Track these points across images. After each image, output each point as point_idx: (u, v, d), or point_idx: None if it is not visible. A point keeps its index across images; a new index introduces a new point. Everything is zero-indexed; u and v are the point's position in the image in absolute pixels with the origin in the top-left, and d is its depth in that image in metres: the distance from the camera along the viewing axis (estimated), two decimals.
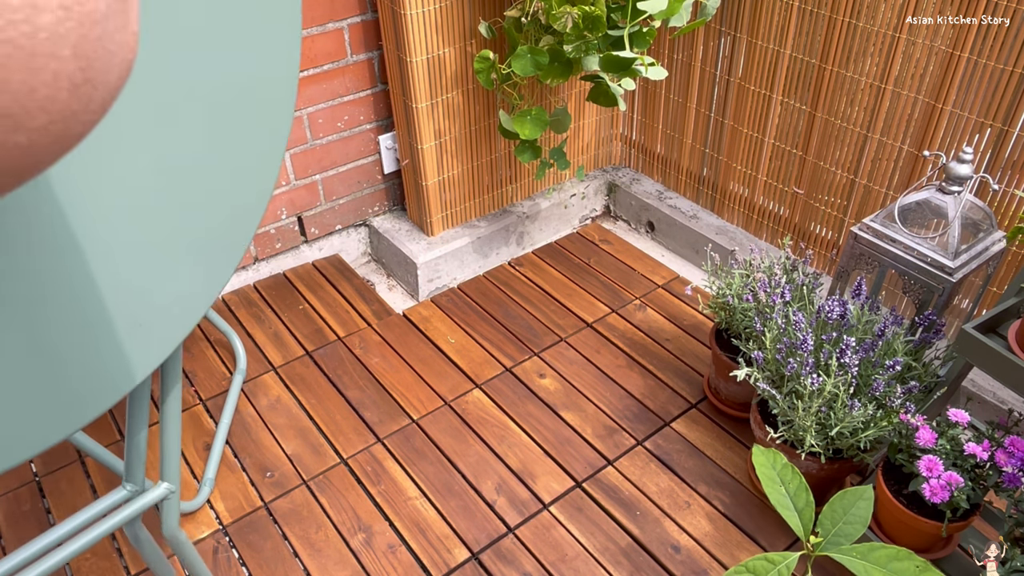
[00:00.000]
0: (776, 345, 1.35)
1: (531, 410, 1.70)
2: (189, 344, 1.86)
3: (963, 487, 1.17)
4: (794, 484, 1.21)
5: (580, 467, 1.58)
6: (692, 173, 2.11)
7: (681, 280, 2.07)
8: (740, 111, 1.87)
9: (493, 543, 1.44)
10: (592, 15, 1.44)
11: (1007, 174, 1.45)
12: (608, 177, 2.29)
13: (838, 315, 1.34)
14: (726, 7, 1.78)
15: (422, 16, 1.67)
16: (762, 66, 1.77)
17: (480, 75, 1.66)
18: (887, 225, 1.37)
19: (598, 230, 2.27)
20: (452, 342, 1.88)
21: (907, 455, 1.26)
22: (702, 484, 1.54)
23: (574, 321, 1.93)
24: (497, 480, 1.55)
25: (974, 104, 1.44)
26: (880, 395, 1.28)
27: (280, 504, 1.51)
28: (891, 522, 1.31)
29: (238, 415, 1.69)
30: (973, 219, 1.35)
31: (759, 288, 1.47)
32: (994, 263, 1.38)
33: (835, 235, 1.81)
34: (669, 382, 1.76)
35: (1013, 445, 1.17)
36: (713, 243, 2.03)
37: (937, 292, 1.32)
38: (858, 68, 1.59)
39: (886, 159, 1.63)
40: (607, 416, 1.68)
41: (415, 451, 1.61)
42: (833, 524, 1.17)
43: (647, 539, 1.44)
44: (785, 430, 1.35)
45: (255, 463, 1.58)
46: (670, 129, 2.09)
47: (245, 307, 1.97)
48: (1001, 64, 1.38)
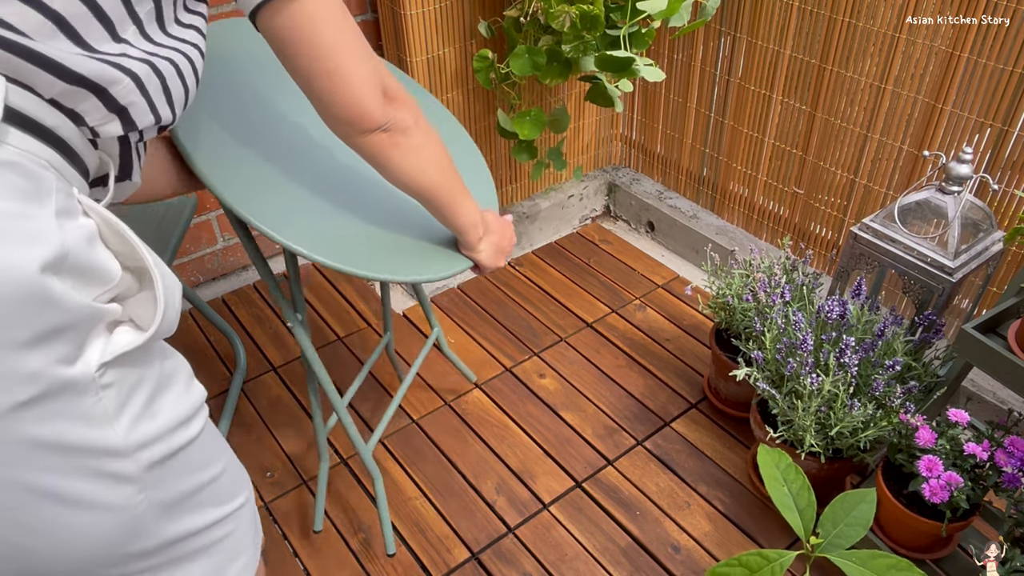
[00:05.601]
0: (776, 345, 1.35)
1: (531, 410, 1.70)
2: (189, 344, 1.86)
3: (963, 487, 1.17)
4: (797, 484, 1.21)
5: (580, 467, 1.58)
6: (692, 173, 2.11)
7: (681, 280, 2.07)
8: (740, 111, 1.87)
9: (493, 543, 1.44)
10: (590, 15, 1.44)
11: (1007, 174, 1.45)
12: (608, 177, 2.29)
13: (838, 315, 1.34)
14: (726, 7, 1.78)
15: (422, 16, 1.67)
16: (762, 66, 1.77)
17: (479, 74, 1.66)
18: (887, 225, 1.37)
19: (598, 230, 2.27)
20: (452, 342, 1.88)
21: (907, 455, 1.26)
22: (702, 484, 1.54)
23: (574, 321, 1.93)
24: (497, 480, 1.55)
25: (974, 104, 1.44)
26: (880, 395, 1.28)
27: (280, 504, 1.51)
28: (891, 522, 1.31)
29: (238, 415, 1.69)
30: (973, 219, 1.35)
31: (759, 288, 1.47)
32: (994, 263, 1.38)
33: (835, 235, 1.81)
34: (669, 382, 1.76)
35: (1013, 445, 1.17)
36: (713, 243, 2.03)
37: (937, 292, 1.32)
38: (858, 68, 1.59)
39: (886, 159, 1.63)
40: (607, 416, 1.68)
41: (415, 451, 1.61)
42: (834, 525, 1.16)
43: (647, 539, 1.44)
44: (785, 430, 1.35)
45: (255, 463, 1.58)
46: (670, 129, 2.09)
47: (245, 307, 1.97)
48: (1001, 64, 1.38)
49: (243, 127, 1.04)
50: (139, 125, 0.68)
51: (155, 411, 0.64)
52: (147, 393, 0.63)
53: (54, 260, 0.54)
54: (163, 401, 0.65)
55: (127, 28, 0.67)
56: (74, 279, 0.57)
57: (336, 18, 0.80)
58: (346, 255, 0.97)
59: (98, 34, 0.64)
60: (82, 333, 0.58)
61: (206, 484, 0.71)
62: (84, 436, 0.58)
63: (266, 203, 0.97)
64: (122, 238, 0.62)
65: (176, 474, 0.67)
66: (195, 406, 0.69)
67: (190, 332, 1.89)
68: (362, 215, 1.04)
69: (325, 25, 0.78)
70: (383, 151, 0.88)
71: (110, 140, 0.68)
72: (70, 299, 0.56)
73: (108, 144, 0.69)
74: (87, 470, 0.59)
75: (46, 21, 0.60)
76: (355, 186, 1.07)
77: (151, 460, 0.63)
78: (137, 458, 0.62)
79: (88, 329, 0.58)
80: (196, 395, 0.70)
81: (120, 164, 0.71)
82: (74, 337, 0.57)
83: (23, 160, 0.57)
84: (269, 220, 0.95)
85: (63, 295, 0.55)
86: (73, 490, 0.59)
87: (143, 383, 0.63)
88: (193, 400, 0.69)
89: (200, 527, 0.71)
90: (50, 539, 0.60)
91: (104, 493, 0.61)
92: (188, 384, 0.69)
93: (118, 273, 0.61)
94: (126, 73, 0.64)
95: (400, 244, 1.04)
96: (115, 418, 0.60)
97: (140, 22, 0.68)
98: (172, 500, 0.67)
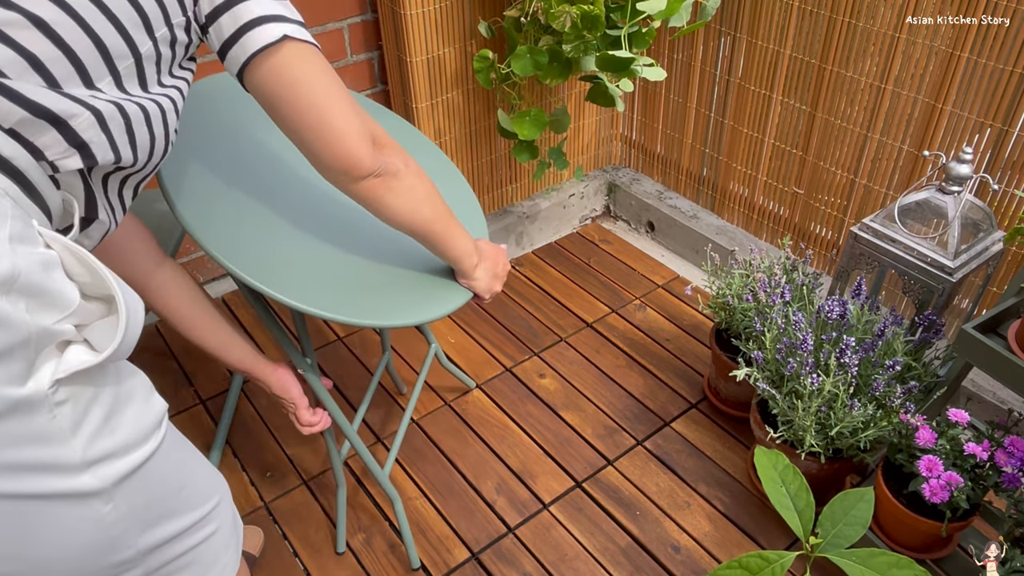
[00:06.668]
0: (776, 345, 1.35)
1: (531, 410, 1.70)
2: (189, 345, 1.86)
3: (963, 487, 1.17)
4: (795, 485, 1.21)
5: (580, 467, 1.58)
6: (692, 173, 2.11)
7: (681, 280, 2.07)
8: (740, 111, 1.87)
9: (493, 543, 1.44)
10: (591, 15, 1.44)
11: (1007, 174, 1.45)
12: (608, 177, 2.29)
13: (838, 315, 1.34)
14: (726, 7, 1.78)
15: (422, 16, 1.67)
16: (762, 66, 1.77)
17: (479, 75, 1.66)
18: (887, 225, 1.37)
19: (598, 230, 2.27)
20: (452, 342, 1.88)
21: (907, 455, 1.26)
22: (702, 484, 1.54)
23: (574, 321, 1.93)
24: (497, 480, 1.55)
25: (974, 104, 1.44)
26: (880, 395, 1.28)
27: (280, 504, 1.51)
28: (891, 522, 1.31)
29: (238, 415, 1.69)
30: (973, 219, 1.35)
31: (759, 288, 1.47)
32: (994, 263, 1.38)
33: (835, 235, 1.81)
34: (669, 382, 1.76)
35: (1013, 445, 1.17)
36: (713, 243, 2.03)
37: (937, 292, 1.32)
38: (858, 68, 1.59)
39: (886, 159, 1.63)
40: (607, 416, 1.68)
41: (415, 451, 1.61)
42: (833, 525, 1.16)
43: (647, 539, 1.44)
44: (785, 430, 1.35)
45: (255, 463, 1.58)
46: (670, 129, 2.09)
47: (245, 307, 1.97)
48: (1001, 64, 1.38)
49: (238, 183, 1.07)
50: (99, 160, 0.68)
51: (114, 427, 0.64)
52: (104, 409, 0.63)
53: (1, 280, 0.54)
54: (122, 417, 0.65)
55: (102, 78, 0.68)
56: (27, 301, 0.57)
57: (320, 73, 0.83)
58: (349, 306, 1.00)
59: (71, 80, 0.65)
60: (31, 352, 0.57)
61: (175, 491, 0.72)
62: (39, 454, 0.58)
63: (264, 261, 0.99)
64: (87, 267, 0.62)
65: (144, 486, 0.67)
66: (156, 419, 0.69)
67: None
68: (358, 259, 1.08)
69: (311, 79, 0.82)
70: (377, 194, 0.92)
71: (72, 177, 0.68)
72: (16, 318, 0.55)
73: (71, 184, 0.69)
74: (50, 487, 0.60)
75: (20, 59, 0.62)
76: (347, 230, 1.11)
77: (116, 475, 0.64)
78: (98, 473, 0.62)
79: (38, 349, 0.58)
80: (156, 408, 0.70)
81: (85, 202, 0.72)
82: (23, 356, 0.57)
83: None
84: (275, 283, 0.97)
85: (8, 314, 0.55)
86: (39, 507, 0.59)
87: (99, 399, 0.63)
88: (154, 414, 0.69)
89: (177, 531, 0.72)
90: (27, 557, 0.60)
91: (70, 509, 0.61)
92: (147, 398, 0.69)
93: (76, 300, 0.61)
94: (87, 108, 0.66)
95: (400, 283, 1.07)
96: (71, 435, 0.60)
97: (118, 75, 0.70)
98: (143, 510, 0.67)
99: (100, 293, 0.64)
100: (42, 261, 0.59)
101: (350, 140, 0.86)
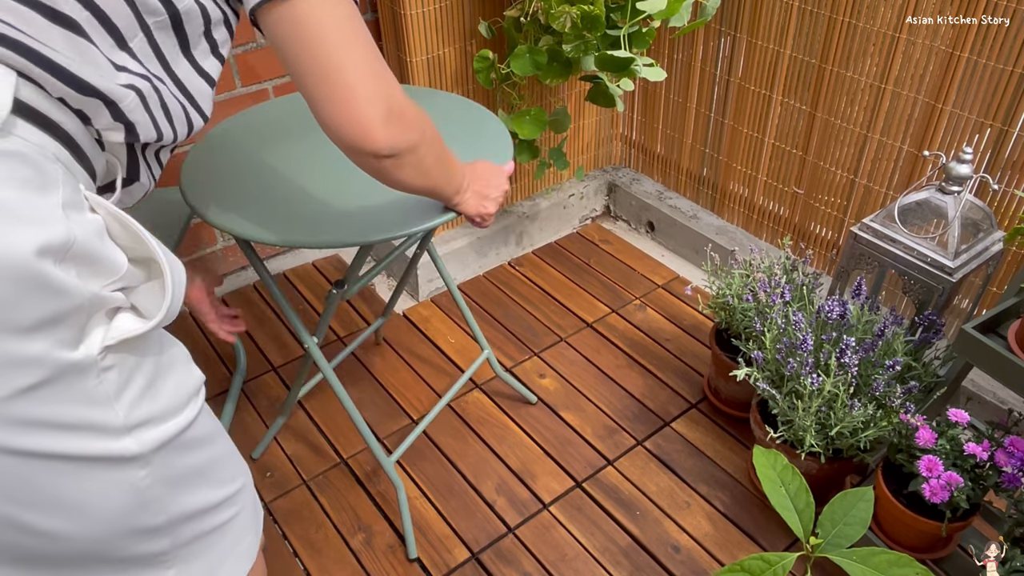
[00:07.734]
0: (776, 345, 1.35)
1: (531, 410, 1.70)
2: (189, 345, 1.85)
3: (963, 487, 1.17)
4: (794, 485, 1.21)
5: (580, 467, 1.58)
6: (692, 173, 2.11)
7: (681, 280, 2.07)
8: (740, 111, 1.87)
9: (493, 543, 1.44)
10: (591, 15, 1.44)
11: (1007, 174, 1.45)
12: (608, 177, 2.29)
13: (838, 315, 1.34)
14: (726, 7, 1.78)
15: (422, 16, 1.67)
16: (762, 66, 1.77)
17: (479, 75, 1.66)
18: (887, 225, 1.37)
19: (598, 230, 2.27)
20: (452, 342, 1.88)
21: (907, 455, 1.26)
22: (702, 484, 1.54)
23: (574, 321, 1.93)
24: (497, 480, 1.55)
25: (974, 104, 1.44)
26: (880, 395, 1.28)
27: (280, 504, 1.51)
28: (891, 522, 1.31)
29: (238, 415, 1.69)
30: (973, 219, 1.35)
31: (759, 288, 1.47)
32: (994, 263, 1.38)
33: (835, 235, 1.81)
34: (669, 382, 1.76)
35: (1013, 445, 1.17)
36: (713, 243, 2.03)
37: (937, 292, 1.32)
38: (858, 68, 1.59)
39: (886, 159, 1.63)
40: (607, 416, 1.68)
41: (415, 451, 1.61)
42: (833, 525, 1.17)
43: (647, 539, 1.44)
44: (785, 430, 1.35)
45: (255, 463, 1.58)
46: (670, 129, 2.09)
47: (245, 307, 1.97)
48: (1001, 64, 1.38)
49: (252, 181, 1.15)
50: (142, 139, 0.70)
51: (155, 393, 0.66)
52: (147, 376, 0.65)
53: (55, 246, 0.56)
54: (164, 384, 0.67)
55: (134, 36, 0.68)
56: (79, 268, 0.58)
57: (345, 18, 0.75)
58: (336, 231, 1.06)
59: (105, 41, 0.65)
60: (83, 318, 0.59)
61: (207, 464, 0.73)
62: (85, 416, 0.60)
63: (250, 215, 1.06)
64: (130, 232, 0.63)
65: (179, 453, 0.69)
66: (195, 388, 0.71)
67: (190, 332, 1.89)
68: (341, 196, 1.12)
69: (327, 24, 0.74)
70: (387, 173, 0.87)
71: (117, 144, 0.70)
72: (71, 285, 0.57)
73: (114, 147, 0.70)
74: (91, 449, 0.61)
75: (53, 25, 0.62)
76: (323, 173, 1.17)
77: (155, 440, 0.65)
78: (138, 437, 0.64)
79: (90, 315, 0.60)
80: (195, 378, 0.72)
81: (128, 166, 0.73)
82: (76, 322, 0.58)
83: (30, 152, 0.59)
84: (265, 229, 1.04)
85: (63, 281, 0.56)
86: (77, 465, 0.61)
87: (143, 366, 0.65)
88: (192, 383, 0.71)
89: (206, 505, 0.73)
90: (60, 514, 0.61)
91: (108, 469, 0.63)
92: (187, 367, 0.71)
93: (124, 265, 0.63)
94: (132, 89, 0.67)
95: (386, 207, 1.10)
96: (115, 399, 0.62)
97: (149, 31, 0.70)
98: (176, 477, 0.69)
99: (140, 256, 0.65)
100: (95, 229, 0.60)
101: (360, 104, 0.77)
